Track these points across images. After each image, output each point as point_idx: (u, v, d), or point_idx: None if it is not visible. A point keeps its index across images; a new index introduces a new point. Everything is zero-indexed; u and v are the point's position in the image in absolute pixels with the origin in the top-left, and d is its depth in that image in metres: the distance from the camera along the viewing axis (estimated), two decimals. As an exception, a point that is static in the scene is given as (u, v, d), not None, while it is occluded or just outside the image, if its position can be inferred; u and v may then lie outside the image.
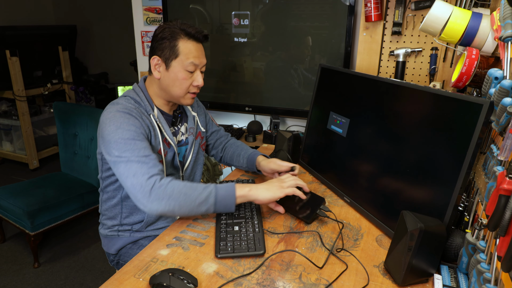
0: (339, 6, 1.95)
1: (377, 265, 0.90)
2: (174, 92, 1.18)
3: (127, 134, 1.06)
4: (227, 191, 1.01)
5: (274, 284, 0.83)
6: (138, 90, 1.20)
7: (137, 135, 1.07)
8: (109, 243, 1.30)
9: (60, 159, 2.52)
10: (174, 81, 1.16)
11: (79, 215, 2.31)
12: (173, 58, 1.13)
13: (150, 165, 1.03)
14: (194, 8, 2.30)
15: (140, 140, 1.07)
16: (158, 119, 1.18)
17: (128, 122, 1.08)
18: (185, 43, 1.13)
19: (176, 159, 1.25)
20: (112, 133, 1.06)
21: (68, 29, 3.81)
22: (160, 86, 1.19)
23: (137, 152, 1.04)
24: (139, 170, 1.01)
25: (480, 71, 1.01)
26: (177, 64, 1.14)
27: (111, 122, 1.08)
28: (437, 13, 1.08)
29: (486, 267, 0.70)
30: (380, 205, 1.08)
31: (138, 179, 1.00)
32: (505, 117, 0.72)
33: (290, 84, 2.20)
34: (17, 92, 3.25)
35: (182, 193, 0.99)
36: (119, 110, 1.10)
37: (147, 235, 1.27)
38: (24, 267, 2.17)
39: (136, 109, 1.13)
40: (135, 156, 1.03)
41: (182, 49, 1.13)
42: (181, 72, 1.15)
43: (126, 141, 1.05)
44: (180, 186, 1.00)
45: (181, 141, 1.30)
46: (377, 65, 1.88)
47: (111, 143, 1.06)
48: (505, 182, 0.60)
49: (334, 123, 1.33)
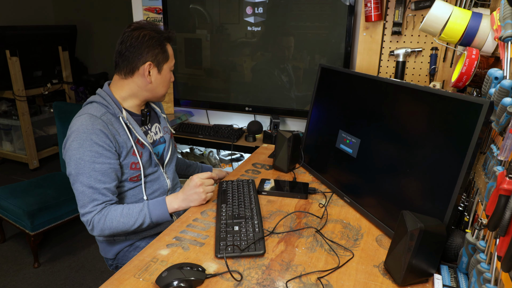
0: (339, 6, 1.95)
1: (377, 265, 0.90)
2: (161, 91, 1.26)
3: (88, 154, 1.10)
4: (160, 211, 1.15)
5: (274, 284, 0.83)
6: (104, 94, 1.21)
7: (98, 156, 1.11)
8: (106, 248, 1.31)
9: (60, 159, 2.52)
10: (164, 82, 1.25)
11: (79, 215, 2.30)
12: (165, 62, 1.22)
13: (99, 196, 1.12)
14: (194, 8, 2.30)
15: (99, 163, 1.11)
16: (128, 120, 1.20)
17: (92, 139, 1.10)
18: (169, 46, 1.24)
19: (153, 158, 1.26)
20: (75, 150, 1.10)
21: (68, 29, 3.81)
22: (146, 88, 1.22)
23: (92, 179, 1.10)
24: (86, 199, 1.11)
25: (480, 71, 1.01)
26: (166, 67, 1.23)
27: (76, 137, 1.10)
28: (437, 13, 1.08)
29: (486, 267, 0.70)
30: (380, 205, 1.08)
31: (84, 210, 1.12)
32: (505, 117, 0.72)
33: (290, 84, 2.20)
34: (17, 92, 3.25)
35: (120, 223, 1.13)
36: (85, 123, 1.11)
37: (142, 236, 1.28)
38: (24, 267, 2.17)
39: (103, 116, 1.14)
40: (87, 181, 1.10)
41: (170, 52, 1.24)
42: (169, 73, 1.26)
43: (86, 163, 1.10)
44: (117, 217, 1.12)
45: (156, 140, 1.33)
46: (377, 65, 1.88)
47: (72, 159, 1.11)
48: (505, 182, 0.60)
49: (334, 123, 1.33)
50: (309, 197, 1.25)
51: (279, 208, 1.18)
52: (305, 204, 1.21)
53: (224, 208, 1.12)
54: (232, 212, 1.09)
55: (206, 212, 1.15)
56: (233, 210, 1.10)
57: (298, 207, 1.19)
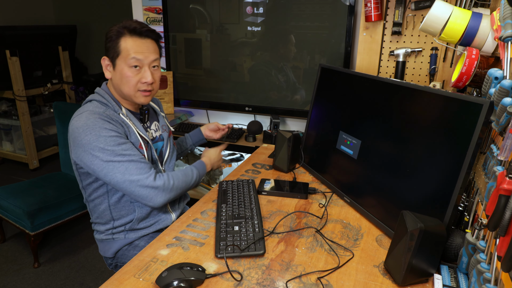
0: (339, 6, 1.95)
1: (377, 265, 0.90)
2: (124, 90, 1.18)
3: (111, 140, 1.09)
4: (203, 170, 1.36)
5: (274, 284, 0.83)
6: (102, 92, 1.21)
7: (119, 138, 1.11)
8: (105, 247, 1.31)
9: (60, 159, 2.52)
10: (121, 79, 1.16)
11: (79, 215, 2.30)
12: (116, 57, 1.14)
13: (143, 164, 1.12)
14: (194, 8, 2.30)
15: (124, 143, 1.12)
16: (128, 117, 1.20)
17: (106, 128, 1.10)
18: (126, 40, 1.13)
19: (153, 154, 1.27)
20: (95, 142, 1.08)
21: (68, 29, 3.81)
22: (113, 86, 1.21)
23: (127, 156, 1.10)
24: (136, 171, 1.10)
25: (480, 71, 1.01)
26: (120, 62, 1.15)
27: (87, 131, 1.08)
28: (437, 13, 1.08)
29: (486, 267, 0.70)
30: (380, 205, 1.08)
31: (140, 179, 1.10)
32: (505, 117, 0.72)
33: (290, 83, 2.20)
34: (17, 92, 3.25)
35: (183, 182, 1.22)
36: (91, 118, 1.10)
37: (142, 234, 1.28)
38: (24, 267, 2.17)
39: (105, 112, 1.14)
40: (127, 159, 1.09)
41: (124, 46, 1.13)
42: (125, 69, 1.14)
43: (113, 147, 1.09)
44: (180, 177, 1.22)
45: (156, 138, 1.34)
46: (377, 65, 1.88)
47: (95, 151, 1.08)
48: (505, 182, 0.60)
49: (335, 123, 1.33)
50: (309, 197, 1.25)
51: (279, 208, 1.18)
52: (305, 204, 1.21)
53: (224, 208, 1.12)
54: (232, 212, 1.09)
55: (206, 212, 1.15)
56: (233, 210, 1.10)
57: (298, 207, 1.19)
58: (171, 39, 2.40)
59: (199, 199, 1.24)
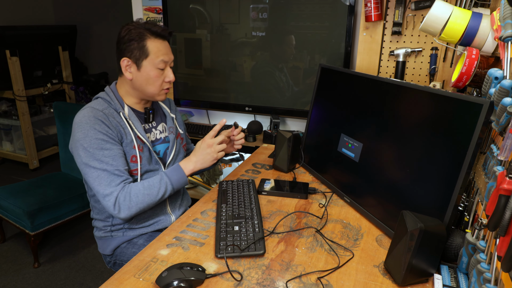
0: (339, 6, 1.95)
1: (377, 265, 0.90)
2: (149, 90, 1.22)
3: (95, 142, 1.12)
4: (178, 176, 1.21)
5: (274, 284, 0.83)
6: (108, 91, 1.24)
7: (105, 142, 1.13)
8: (104, 244, 1.31)
9: (60, 159, 2.52)
10: (147, 80, 1.20)
11: (79, 215, 2.30)
12: (144, 58, 1.17)
13: (114, 177, 1.13)
14: (194, 8, 2.30)
15: (107, 149, 1.13)
16: (128, 116, 1.22)
17: (95, 128, 1.13)
18: (153, 42, 1.17)
19: (153, 155, 1.27)
20: (81, 140, 1.12)
21: (68, 29, 3.81)
22: (133, 86, 1.23)
23: (104, 163, 1.12)
24: (105, 182, 1.12)
25: (480, 71, 1.01)
26: (148, 64, 1.18)
27: (80, 127, 1.13)
28: (437, 13, 1.08)
29: (486, 267, 0.70)
30: (380, 205, 1.08)
31: (104, 193, 1.12)
32: (505, 117, 0.72)
33: (290, 83, 2.20)
34: (17, 92, 3.25)
35: (146, 195, 1.15)
36: (88, 115, 1.14)
37: (140, 233, 1.29)
38: (24, 267, 2.17)
39: (105, 110, 1.17)
40: (101, 167, 1.12)
41: (151, 48, 1.17)
42: (153, 70, 1.19)
43: (94, 150, 1.12)
44: (141, 190, 1.14)
45: (160, 139, 1.33)
46: (377, 65, 1.88)
47: (79, 149, 1.13)
48: (505, 182, 0.60)
49: (335, 124, 1.33)
50: (309, 197, 1.25)
51: (279, 208, 1.18)
52: (305, 204, 1.21)
53: (224, 208, 1.12)
54: (232, 212, 1.09)
55: (206, 212, 1.15)
56: (233, 210, 1.10)
57: (298, 207, 1.19)
58: (171, 39, 2.40)
59: (199, 199, 1.24)
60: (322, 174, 1.38)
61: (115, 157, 1.14)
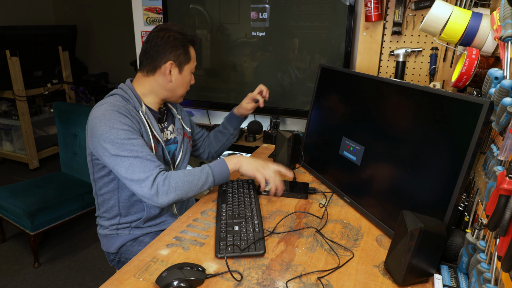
0: (339, 6, 1.95)
1: (377, 265, 0.90)
2: (180, 92, 1.30)
3: (122, 133, 1.10)
4: (221, 168, 1.17)
5: (274, 284, 0.83)
6: (126, 88, 1.24)
7: (131, 133, 1.12)
8: (109, 242, 1.30)
9: (60, 159, 2.52)
10: (184, 83, 1.28)
11: (79, 215, 2.31)
12: (186, 63, 1.25)
13: (148, 162, 1.09)
14: (194, 8, 2.30)
15: (135, 138, 1.11)
16: (146, 115, 1.22)
17: (121, 121, 1.11)
18: (192, 49, 1.28)
19: (166, 155, 1.27)
20: (107, 133, 1.09)
21: (68, 29, 3.81)
22: (166, 87, 1.25)
23: (134, 151, 1.09)
24: (139, 169, 1.08)
25: (480, 71, 1.01)
26: (188, 68, 1.27)
27: (102, 122, 1.11)
28: (437, 13, 1.08)
29: (486, 267, 0.70)
30: (380, 205, 1.08)
31: (140, 178, 1.07)
32: (505, 117, 0.72)
33: (289, 83, 2.20)
34: (17, 92, 3.25)
35: (185, 182, 1.10)
36: (109, 109, 1.13)
37: (146, 231, 1.28)
38: (24, 267, 2.17)
39: (124, 106, 1.16)
40: (133, 154, 1.09)
41: (192, 54, 1.27)
42: (189, 75, 1.29)
43: (122, 140, 1.09)
44: (180, 176, 1.11)
45: (170, 140, 1.34)
46: (377, 65, 1.88)
47: (106, 143, 1.09)
48: (505, 182, 0.60)
49: (335, 125, 1.33)
50: (309, 197, 1.25)
51: (279, 208, 1.18)
52: (305, 204, 1.21)
53: (224, 208, 1.12)
54: (232, 212, 1.09)
55: (206, 212, 1.15)
56: (233, 210, 1.10)
57: (298, 207, 1.19)
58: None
59: (199, 199, 1.24)
60: (322, 174, 1.38)
61: (144, 146, 1.12)
